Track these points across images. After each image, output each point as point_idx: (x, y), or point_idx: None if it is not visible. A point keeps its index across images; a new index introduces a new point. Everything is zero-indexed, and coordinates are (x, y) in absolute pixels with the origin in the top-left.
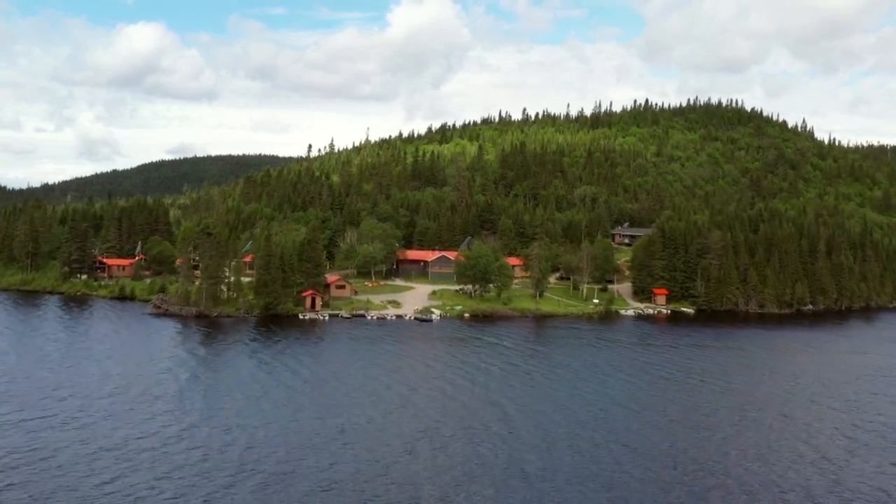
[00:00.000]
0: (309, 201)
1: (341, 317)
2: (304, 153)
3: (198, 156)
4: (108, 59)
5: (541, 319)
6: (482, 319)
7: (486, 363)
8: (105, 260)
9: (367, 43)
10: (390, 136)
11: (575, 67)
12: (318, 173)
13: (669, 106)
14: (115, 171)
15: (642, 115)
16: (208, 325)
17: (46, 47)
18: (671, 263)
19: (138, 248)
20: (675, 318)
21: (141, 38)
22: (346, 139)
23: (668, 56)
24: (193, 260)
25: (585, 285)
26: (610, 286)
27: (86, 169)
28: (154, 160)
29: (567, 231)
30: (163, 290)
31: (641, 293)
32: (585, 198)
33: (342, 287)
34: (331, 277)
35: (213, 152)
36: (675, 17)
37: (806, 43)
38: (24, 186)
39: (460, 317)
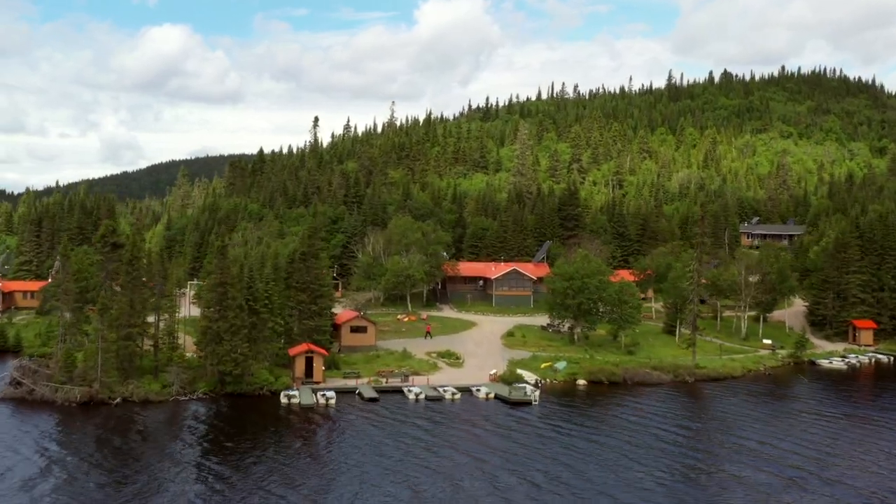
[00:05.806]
0: (313, 193)
1: (360, 396)
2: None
3: (210, 156)
4: (133, 63)
5: (706, 385)
6: (607, 388)
7: None
8: (2, 284)
9: (393, 41)
10: (419, 118)
11: (604, 65)
12: (327, 157)
13: (757, 76)
14: (124, 173)
15: (729, 86)
16: (103, 424)
17: (69, 52)
18: (876, 279)
19: (55, 265)
20: None
21: (165, 41)
22: (367, 124)
23: (701, 51)
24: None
25: (746, 316)
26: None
27: (105, 173)
28: (165, 161)
29: (682, 231)
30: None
31: (829, 326)
32: (690, 184)
33: (361, 330)
34: (343, 314)
35: (229, 153)
36: (709, 9)
37: (846, 33)
38: (23, 190)
39: (570, 383)
